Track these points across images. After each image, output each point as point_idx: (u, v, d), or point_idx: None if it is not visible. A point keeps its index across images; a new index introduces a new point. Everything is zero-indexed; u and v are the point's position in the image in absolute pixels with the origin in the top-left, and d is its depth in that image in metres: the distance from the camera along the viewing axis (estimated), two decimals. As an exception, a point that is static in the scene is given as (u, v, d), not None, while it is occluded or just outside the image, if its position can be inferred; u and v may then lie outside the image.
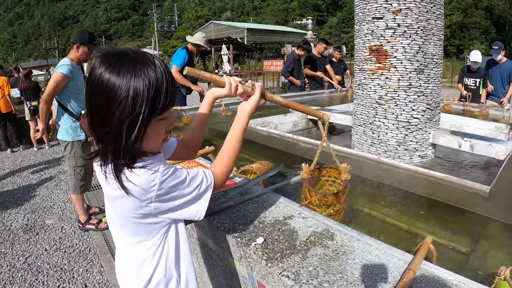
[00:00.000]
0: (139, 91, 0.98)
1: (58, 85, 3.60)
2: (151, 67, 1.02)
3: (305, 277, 1.24)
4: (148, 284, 1.26)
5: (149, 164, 1.08)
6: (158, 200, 1.09)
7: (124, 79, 0.98)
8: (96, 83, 1.00)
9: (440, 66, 3.30)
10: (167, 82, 1.04)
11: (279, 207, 1.78)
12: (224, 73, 25.65)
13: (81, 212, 4.07)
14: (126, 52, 1.04)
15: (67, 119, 3.76)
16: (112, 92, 0.98)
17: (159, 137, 1.13)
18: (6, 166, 7.12)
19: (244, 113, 1.42)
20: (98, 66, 1.01)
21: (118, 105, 0.98)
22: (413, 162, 3.23)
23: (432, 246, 1.46)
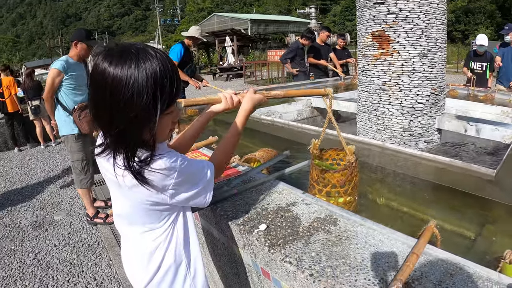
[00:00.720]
0: (144, 86, 0.98)
1: (53, 80, 3.68)
2: (155, 61, 1.01)
3: (308, 263, 1.24)
4: (158, 271, 1.27)
5: (167, 153, 1.10)
6: (175, 188, 1.12)
7: (127, 74, 0.98)
8: (100, 80, 1.00)
9: (444, 50, 3.26)
10: (172, 75, 1.05)
11: (282, 194, 1.79)
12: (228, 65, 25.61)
13: (89, 206, 4.11)
14: (128, 47, 1.03)
15: (61, 114, 3.83)
16: (117, 89, 0.98)
17: (166, 129, 1.14)
18: (14, 164, 7.18)
19: (241, 114, 1.47)
20: (101, 62, 1.00)
21: (124, 101, 0.98)
22: (419, 147, 3.21)
23: (436, 230, 1.45)
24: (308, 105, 5.15)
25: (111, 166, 1.09)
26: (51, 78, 3.66)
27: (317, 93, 1.88)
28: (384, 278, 1.15)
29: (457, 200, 2.31)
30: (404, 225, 2.06)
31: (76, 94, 3.85)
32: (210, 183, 1.25)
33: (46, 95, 3.71)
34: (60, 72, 3.68)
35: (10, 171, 6.73)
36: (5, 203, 5.10)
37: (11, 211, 4.81)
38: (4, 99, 7.97)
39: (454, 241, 1.96)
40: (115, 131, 1.02)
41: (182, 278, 1.31)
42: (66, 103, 3.80)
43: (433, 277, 1.14)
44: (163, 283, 1.29)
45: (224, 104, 1.49)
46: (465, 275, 1.14)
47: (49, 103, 3.76)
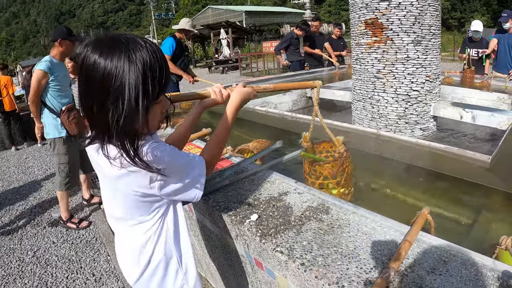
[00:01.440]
0: (134, 75, 0.98)
1: (39, 82, 3.56)
2: (144, 51, 1.01)
3: (299, 252, 1.24)
4: (149, 265, 1.27)
5: (155, 143, 1.09)
6: (163, 179, 1.10)
7: (117, 65, 0.97)
8: (90, 70, 0.99)
9: (438, 37, 3.24)
10: (161, 64, 1.04)
11: (274, 184, 1.78)
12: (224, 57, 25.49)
13: (64, 209, 4.06)
14: (118, 37, 1.03)
15: (48, 116, 3.73)
16: (107, 79, 0.97)
17: (156, 118, 1.14)
18: (11, 164, 7.15)
19: (229, 108, 1.45)
20: (91, 53, 1.00)
21: (113, 90, 0.97)
22: (415, 135, 3.21)
23: (429, 217, 1.44)
24: (303, 95, 5.13)
25: (100, 157, 1.09)
26: (36, 80, 3.54)
27: (306, 86, 1.88)
28: (376, 266, 1.14)
29: (452, 187, 2.30)
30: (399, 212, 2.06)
31: (62, 96, 3.78)
32: (201, 177, 1.23)
33: (32, 98, 3.58)
34: (45, 74, 3.58)
35: (7, 170, 6.71)
36: (3, 203, 5.09)
37: (10, 210, 4.80)
38: (1, 98, 7.94)
39: (450, 228, 1.96)
40: (104, 121, 1.01)
41: (174, 273, 1.31)
42: (52, 105, 3.72)
43: (426, 264, 1.14)
44: (154, 277, 1.29)
45: (213, 99, 1.47)
46: (459, 262, 1.14)
47: (35, 106, 3.65)
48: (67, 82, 3.92)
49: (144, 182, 1.09)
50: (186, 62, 6.06)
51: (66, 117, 3.70)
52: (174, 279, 1.31)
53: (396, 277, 1.09)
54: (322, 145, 2.15)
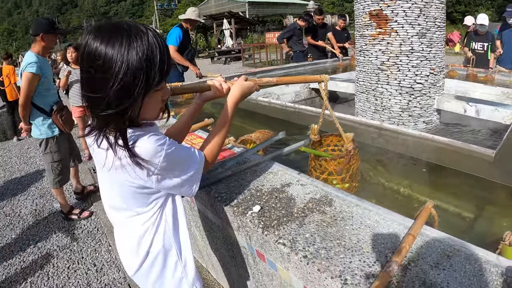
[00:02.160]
0: (135, 62, 0.97)
1: (30, 85, 3.44)
2: (145, 38, 1.00)
3: (302, 244, 1.22)
4: (147, 257, 1.26)
5: (154, 135, 1.08)
6: (160, 173, 1.09)
7: (120, 51, 0.96)
8: (91, 57, 0.98)
9: (443, 30, 3.21)
10: (162, 53, 1.03)
11: (277, 175, 1.76)
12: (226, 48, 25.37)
13: (63, 204, 4.05)
14: (119, 24, 1.02)
15: (38, 117, 3.64)
16: (108, 66, 0.96)
17: (157, 106, 1.13)
18: (13, 154, 7.15)
19: (229, 102, 1.43)
20: (92, 40, 0.99)
21: (115, 78, 0.96)
22: (418, 128, 3.19)
23: (433, 211, 1.43)
24: (306, 86, 5.10)
25: (98, 147, 1.08)
26: (29, 83, 3.41)
27: (312, 80, 1.83)
28: (380, 259, 1.13)
29: (456, 181, 2.29)
30: (401, 205, 2.05)
31: (50, 95, 3.71)
32: (199, 172, 1.22)
33: (23, 102, 3.47)
34: (36, 76, 3.46)
35: (9, 160, 6.71)
36: (5, 193, 5.09)
37: (11, 200, 4.80)
38: (4, 87, 7.93)
39: (453, 222, 1.95)
40: (105, 109, 1.00)
41: (173, 265, 1.30)
42: (42, 105, 3.63)
43: (429, 259, 1.12)
44: (153, 269, 1.28)
45: (213, 92, 1.45)
46: (463, 257, 1.13)
47: (27, 109, 3.54)
48: (52, 79, 3.85)
49: (141, 174, 1.08)
50: (192, 53, 5.96)
51: (58, 116, 3.64)
52: (173, 271, 1.31)
53: (399, 271, 1.08)
54: (330, 138, 2.13)
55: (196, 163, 1.21)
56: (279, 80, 1.70)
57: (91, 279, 2.96)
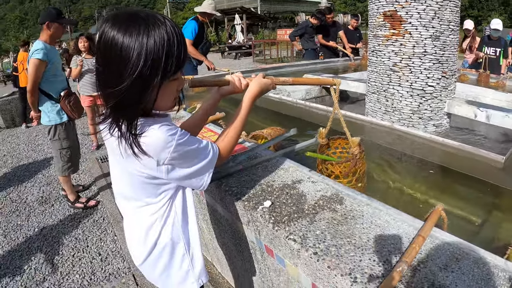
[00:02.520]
0: (153, 52, 0.98)
1: (38, 71, 3.50)
2: (163, 27, 1.01)
3: (312, 241, 1.23)
4: (154, 248, 1.27)
5: (166, 125, 1.08)
6: (171, 163, 1.09)
7: (137, 40, 0.97)
8: (108, 46, 0.99)
9: (456, 33, 3.19)
10: (179, 42, 1.04)
11: (288, 171, 1.76)
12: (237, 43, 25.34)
13: (70, 192, 4.09)
14: (137, 13, 1.02)
15: (47, 103, 3.70)
16: (125, 54, 0.97)
17: (171, 96, 1.13)
18: (21, 141, 7.21)
19: (247, 97, 1.44)
20: (110, 29, 0.99)
21: (132, 66, 0.97)
22: (428, 131, 3.17)
23: (443, 213, 1.43)
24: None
25: (111, 135, 1.09)
26: (36, 69, 3.47)
27: (325, 83, 1.88)
28: (389, 259, 1.13)
29: (464, 185, 2.28)
30: (408, 206, 2.05)
31: (59, 81, 3.75)
32: (210, 165, 1.22)
33: (31, 88, 3.53)
34: (43, 62, 3.52)
35: (17, 147, 6.76)
36: (12, 179, 5.13)
37: (18, 187, 4.84)
38: (18, 73, 8.01)
39: (460, 226, 1.95)
40: (120, 98, 1.01)
41: (180, 257, 1.31)
42: (51, 92, 3.68)
43: (438, 261, 1.12)
44: (160, 260, 1.29)
45: (232, 87, 1.47)
46: (471, 260, 1.12)
47: (35, 95, 3.60)
48: (61, 67, 3.90)
49: (151, 164, 1.08)
50: (207, 46, 5.90)
51: (66, 102, 3.68)
52: (180, 263, 1.31)
53: (408, 271, 1.08)
54: (337, 142, 2.14)
55: (209, 156, 1.21)
56: (295, 80, 1.71)
57: (96, 268, 2.99)
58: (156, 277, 1.35)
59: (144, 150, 1.04)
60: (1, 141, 7.31)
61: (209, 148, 1.22)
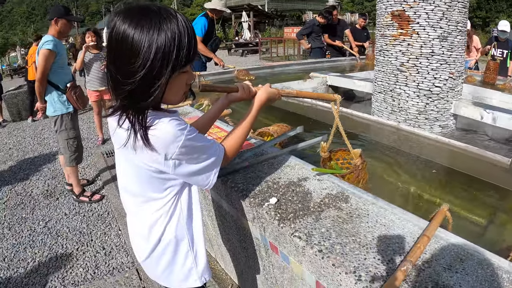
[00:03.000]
0: (164, 45, 0.99)
1: (47, 61, 3.60)
2: (174, 21, 1.01)
3: (317, 239, 1.23)
4: (158, 244, 1.27)
5: (175, 119, 1.09)
6: (178, 158, 1.10)
7: (149, 33, 0.98)
8: (120, 39, 1.00)
9: (464, 34, 3.18)
10: (190, 36, 1.04)
11: (294, 169, 1.77)
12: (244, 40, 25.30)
13: (76, 184, 4.12)
14: (148, 7, 1.03)
15: (54, 94, 3.77)
16: (137, 47, 0.98)
17: (181, 89, 1.14)
18: (27, 134, 7.24)
19: (256, 103, 1.49)
20: (121, 22, 1.00)
21: (143, 59, 0.98)
22: (434, 131, 3.16)
23: (448, 214, 1.43)
24: (323, 83, 5.08)
25: (120, 127, 1.09)
26: (45, 59, 3.57)
27: (326, 98, 1.93)
28: (394, 258, 1.13)
29: (470, 186, 2.27)
30: (414, 206, 2.04)
31: (64, 73, 3.84)
32: (217, 164, 1.23)
33: (39, 77, 3.61)
34: (53, 53, 3.61)
35: (23, 140, 6.80)
36: (17, 172, 5.16)
37: (23, 179, 4.87)
38: (27, 66, 8.09)
39: (464, 227, 1.94)
40: (130, 91, 1.01)
41: (184, 255, 1.31)
42: (58, 83, 3.76)
43: (443, 261, 1.12)
44: (163, 257, 1.29)
45: (241, 94, 1.49)
46: (475, 261, 1.12)
47: (43, 85, 3.68)
48: (67, 61, 4.02)
49: (159, 158, 1.08)
50: (217, 42, 5.85)
51: (72, 93, 3.77)
52: (184, 260, 1.32)
53: (413, 271, 1.08)
54: (338, 153, 2.18)
55: (215, 155, 1.22)
56: (298, 93, 1.77)
57: (99, 262, 3.00)
58: (158, 274, 1.35)
59: (153, 143, 1.05)
60: (7, 135, 7.35)
61: (215, 147, 1.23)
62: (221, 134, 2.23)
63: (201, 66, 5.66)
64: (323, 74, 5.06)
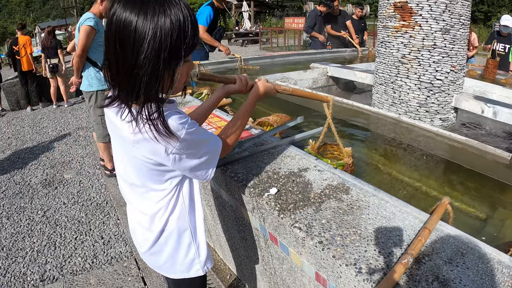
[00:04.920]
0: (167, 32, 0.96)
1: (88, 38, 3.67)
2: (177, 8, 0.99)
3: (317, 230, 1.22)
4: (160, 236, 1.26)
5: (177, 112, 1.07)
6: (178, 152, 1.07)
7: (151, 21, 0.95)
8: (121, 27, 0.96)
9: (467, 28, 3.15)
10: (192, 23, 1.02)
11: (294, 159, 1.75)
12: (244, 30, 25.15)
13: (108, 160, 4.22)
14: None
15: (91, 70, 3.84)
16: (139, 35, 0.95)
17: (182, 78, 1.11)
18: (26, 123, 7.23)
19: (252, 96, 1.50)
20: (122, 10, 0.97)
21: (146, 47, 0.95)
22: (434, 124, 3.15)
23: (449, 207, 1.41)
24: (324, 74, 5.04)
25: (119, 118, 1.07)
26: (86, 35, 3.64)
27: (318, 98, 1.96)
28: (394, 251, 1.12)
29: (470, 180, 2.26)
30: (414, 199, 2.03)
31: (102, 51, 3.85)
32: (215, 157, 1.22)
33: (79, 52, 3.68)
34: (94, 30, 3.68)
35: (22, 130, 6.78)
36: (16, 161, 5.16)
37: (22, 169, 4.86)
38: (20, 57, 8.01)
39: (464, 221, 1.93)
40: (131, 81, 0.99)
41: (187, 246, 1.30)
42: (97, 60, 3.84)
43: (443, 254, 1.11)
44: (166, 249, 1.29)
45: (238, 86, 1.51)
46: (476, 255, 1.11)
47: (81, 60, 3.75)
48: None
49: (159, 151, 1.06)
50: (221, 32, 5.76)
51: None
52: (186, 251, 1.31)
53: (413, 263, 1.07)
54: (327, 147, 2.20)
55: (214, 149, 1.20)
56: (294, 90, 1.79)
57: (98, 251, 3.00)
58: (160, 265, 1.34)
59: (154, 135, 1.02)
60: (6, 124, 7.33)
61: (214, 140, 1.21)
62: (221, 123, 2.22)
63: (204, 56, 5.61)
64: (323, 65, 5.03)
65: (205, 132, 1.18)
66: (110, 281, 2.61)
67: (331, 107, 1.90)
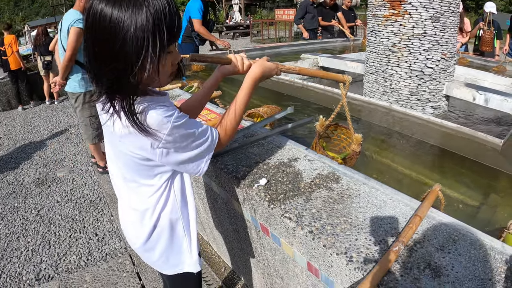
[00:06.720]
0: (144, 23, 0.92)
1: (79, 40, 3.61)
2: None
3: (308, 219, 1.21)
4: (153, 231, 1.25)
5: (162, 106, 1.04)
6: (165, 146, 1.05)
7: (127, 12, 0.91)
8: (97, 19, 0.94)
9: (457, 15, 3.14)
10: (172, 13, 0.98)
11: (284, 150, 1.74)
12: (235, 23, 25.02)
13: (100, 158, 4.22)
14: None
15: (79, 71, 3.79)
16: (116, 27, 0.92)
17: (167, 71, 1.08)
18: (17, 123, 7.16)
19: (248, 79, 1.35)
20: (98, 1, 0.94)
21: (123, 40, 0.92)
22: (426, 113, 3.15)
23: (441, 194, 1.41)
24: (314, 64, 5.03)
25: (105, 113, 1.05)
26: (76, 38, 3.59)
27: (335, 78, 1.75)
28: (386, 239, 1.12)
29: (461, 167, 2.27)
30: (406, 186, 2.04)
31: None
32: (209, 151, 1.17)
33: (69, 55, 3.62)
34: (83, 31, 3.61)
35: (13, 129, 6.72)
36: (8, 161, 5.11)
37: (14, 168, 4.82)
38: (7, 57, 7.93)
39: (457, 208, 1.94)
40: (111, 74, 0.97)
41: (179, 240, 1.29)
42: (83, 60, 3.75)
43: (435, 241, 1.11)
44: (159, 243, 1.28)
45: (234, 66, 1.38)
46: (468, 242, 1.11)
47: (70, 63, 3.70)
48: None
49: (145, 145, 1.04)
50: (211, 25, 5.69)
51: None
52: (180, 246, 1.30)
53: (405, 251, 1.07)
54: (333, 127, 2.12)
55: (208, 141, 1.16)
56: (301, 70, 1.62)
57: (93, 248, 2.99)
58: (154, 261, 1.33)
59: (138, 130, 1.00)
60: (-3, 123, 7.27)
61: (208, 133, 1.17)
62: (210, 116, 2.20)
63: (193, 50, 5.55)
64: (314, 55, 5.02)
65: (195, 124, 1.13)
66: (105, 278, 2.60)
67: (347, 88, 1.76)
